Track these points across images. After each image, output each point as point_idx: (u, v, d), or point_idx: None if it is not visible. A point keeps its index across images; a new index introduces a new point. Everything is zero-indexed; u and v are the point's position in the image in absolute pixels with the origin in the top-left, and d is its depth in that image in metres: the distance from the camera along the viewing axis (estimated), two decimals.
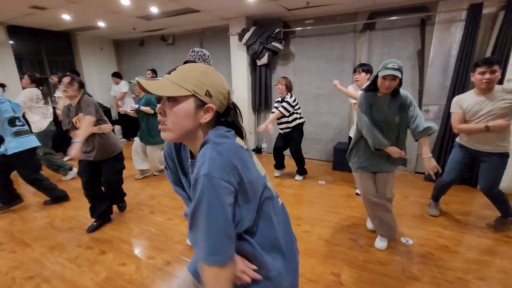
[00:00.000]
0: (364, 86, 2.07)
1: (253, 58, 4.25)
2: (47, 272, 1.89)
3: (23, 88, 3.45)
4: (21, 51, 4.96)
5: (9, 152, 2.52)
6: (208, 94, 0.71)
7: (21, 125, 2.61)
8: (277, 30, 3.93)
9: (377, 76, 1.76)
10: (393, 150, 1.84)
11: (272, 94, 4.46)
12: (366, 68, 2.71)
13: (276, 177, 3.65)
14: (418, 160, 3.64)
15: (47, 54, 5.26)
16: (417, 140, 1.83)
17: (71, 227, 2.47)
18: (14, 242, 2.26)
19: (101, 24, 4.50)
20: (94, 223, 2.41)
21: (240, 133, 0.79)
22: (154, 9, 3.63)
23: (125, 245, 2.20)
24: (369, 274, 1.82)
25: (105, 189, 2.44)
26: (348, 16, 3.72)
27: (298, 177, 3.56)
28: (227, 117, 0.77)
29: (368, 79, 2.73)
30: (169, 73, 0.72)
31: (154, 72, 4.79)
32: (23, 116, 3.16)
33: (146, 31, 5.20)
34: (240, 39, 4.10)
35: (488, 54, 2.94)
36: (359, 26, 3.67)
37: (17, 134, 2.58)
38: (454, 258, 1.96)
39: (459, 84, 3.04)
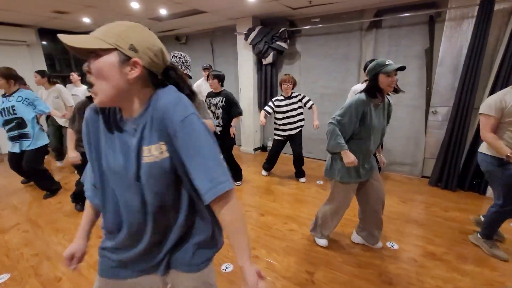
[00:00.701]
0: (361, 90, 1.82)
1: (259, 57, 4.30)
2: (50, 251, 2.12)
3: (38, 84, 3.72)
4: (51, 51, 5.44)
5: (35, 147, 2.81)
6: (132, 48, 0.66)
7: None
8: (282, 29, 3.94)
9: (376, 78, 1.64)
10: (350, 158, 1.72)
11: (277, 93, 4.48)
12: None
13: (264, 176, 3.70)
14: (424, 164, 3.49)
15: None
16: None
17: (77, 213, 2.72)
18: (29, 223, 2.54)
19: None
20: None
21: (190, 95, 0.78)
22: (163, 11, 3.81)
23: None
24: (344, 275, 1.82)
25: None
26: (354, 14, 3.64)
27: (303, 179, 3.49)
28: (168, 79, 0.75)
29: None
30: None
31: None
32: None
33: (161, 32, 5.43)
34: (246, 38, 4.16)
35: (501, 53, 2.74)
36: (365, 24, 3.57)
37: (42, 130, 2.92)
38: (438, 267, 1.89)
39: (468, 85, 2.86)
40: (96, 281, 0.87)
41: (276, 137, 3.40)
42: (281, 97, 3.24)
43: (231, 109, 3.01)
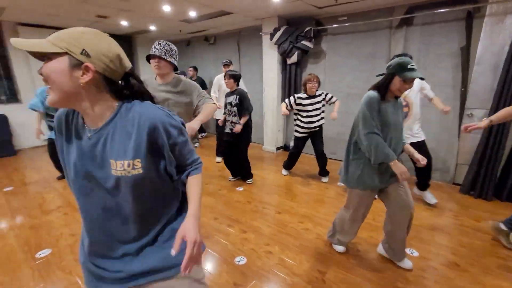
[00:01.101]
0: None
1: (283, 57, 4.31)
2: None
3: None
4: None
5: None
6: (84, 53, 0.67)
7: None
8: (308, 28, 3.91)
9: (391, 78, 1.56)
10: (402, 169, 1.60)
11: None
12: None
13: (285, 175, 3.69)
14: (456, 170, 3.26)
15: None
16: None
17: None
18: (69, 207, 2.84)
19: (152, 27, 5.10)
20: None
21: (151, 100, 0.82)
22: (192, 13, 3.99)
23: None
24: (356, 277, 1.80)
25: None
26: (384, 12, 3.50)
27: (325, 179, 3.46)
28: (128, 86, 0.77)
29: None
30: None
31: (195, 69, 5.25)
32: None
33: (191, 33, 5.68)
34: (271, 38, 4.20)
35: None
36: (395, 22, 3.42)
37: None
38: (461, 278, 1.79)
39: (509, 85, 2.63)
40: None
41: (297, 135, 3.38)
42: (305, 95, 3.20)
43: (243, 106, 3.11)
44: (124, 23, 4.64)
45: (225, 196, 3.09)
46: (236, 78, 3.11)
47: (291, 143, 4.85)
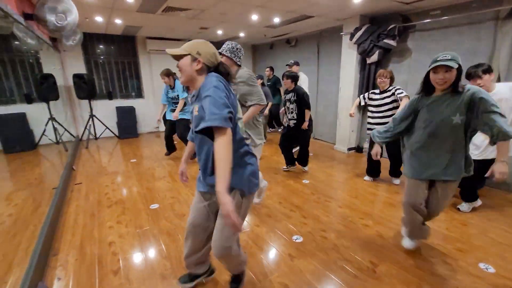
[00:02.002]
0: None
1: (363, 56, 4.25)
2: (180, 196, 3.06)
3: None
4: None
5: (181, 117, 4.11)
6: (198, 53, 1.20)
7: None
8: (391, 26, 3.76)
9: (428, 75, 1.64)
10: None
11: None
12: (486, 68, 2.32)
13: (366, 180, 3.52)
14: None
15: None
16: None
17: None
18: (170, 177, 3.68)
19: (241, 34, 5.81)
20: None
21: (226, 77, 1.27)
22: (276, 20, 4.41)
23: None
24: (410, 276, 1.80)
25: None
26: (489, 1, 3.06)
27: (396, 181, 3.36)
28: (216, 70, 1.26)
29: (492, 80, 2.35)
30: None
31: (271, 69, 5.70)
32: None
33: (274, 37, 6.16)
34: (351, 38, 4.21)
35: None
36: (504, 12, 2.95)
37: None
38: None
39: None
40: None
41: (369, 132, 3.35)
42: (377, 91, 3.19)
43: (301, 103, 3.35)
44: (220, 32, 5.48)
45: (291, 186, 3.38)
46: (293, 78, 3.37)
47: (365, 145, 4.72)
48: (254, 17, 4.22)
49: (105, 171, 3.98)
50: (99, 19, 4.33)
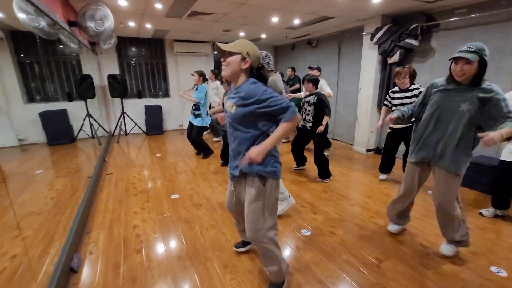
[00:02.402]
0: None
1: (384, 57, 4.19)
2: (199, 189, 3.27)
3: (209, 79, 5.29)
4: (219, 59, 7.46)
5: (199, 125, 4.27)
6: (247, 54, 1.33)
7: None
8: (414, 26, 3.69)
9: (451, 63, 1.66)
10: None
11: None
12: None
13: (382, 180, 3.51)
14: None
15: None
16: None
17: (216, 171, 3.89)
18: (190, 172, 3.92)
19: (263, 35, 5.96)
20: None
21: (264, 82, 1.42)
22: (296, 21, 4.49)
23: None
24: (415, 273, 1.82)
25: None
26: None
27: None
28: (259, 70, 1.41)
29: None
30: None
31: (293, 69, 5.77)
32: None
33: (296, 38, 6.23)
34: (372, 38, 4.18)
35: None
36: None
37: (207, 115, 4.33)
38: None
39: None
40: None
41: (389, 130, 3.34)
42: (396, 89, 3.09)
43: (320, 107, 3.29)
44: (242, 33, 5.67)
45: (304, 183, 3.45)
46: (314, 82, 3.32)
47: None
48: (275, 19, 4.35)
49: (133, 163, 4.32)
50: (131, 24, 4.70)
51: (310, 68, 4.44)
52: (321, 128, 3.32)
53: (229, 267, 1.89)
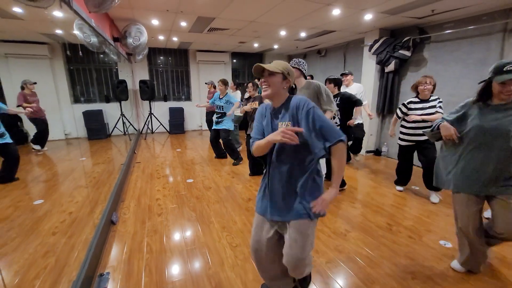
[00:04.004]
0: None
1: (381, 66, 4.60)
2: (210, 176, 3.87)
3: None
4: (236, 67, 8.16)
5: (223, 127, 4.75)
6: (288, 74, 1.30)
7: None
8: (406, 38, 4.09)
9: (489, 82, 1.55)
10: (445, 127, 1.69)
11: (398, 99, 4.59)
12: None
13: (400, 191, 3.33)
14: None
15: (249, 67, 8.22)
16: None
17: (225, 164, 4.48)
18: (204, 163, 4.54)
19: (275, 46, 6.56)
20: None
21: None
22: (302, 34, 5.04)
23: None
24: (374, 241, 2.26)
25: None
26: (497, 15, 3.25)
27: (434, 199, 2.99)
28: (293, 90, 1.43)
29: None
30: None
31: (311, 77, 6.27)
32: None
33: (306, 48, 6.76)
34: (370, 49, 4.61)
35: None
36: (511, 24, 3.12)
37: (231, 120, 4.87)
38: None
39: None
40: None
41: (400, 142, 3.06)
42: (416, 99, 2.87)
43: (347, 106, 3.24)
44: (256, 44, 6.31)
45: None
46: (336, 82, 3.34)
47: (383, 149, 4.99)
48: (283, 33, 4.93)
49: (157, 156, 5.05)
50: (161, 37, 5.51)
51: (342, 74, 4.18)
52: (352, 121, 3.32)
53: (226, 228, 2.45)
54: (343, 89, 3.88)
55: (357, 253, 2.09)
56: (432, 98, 2.81)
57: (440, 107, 2.78)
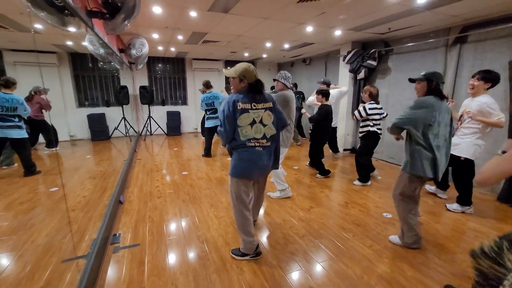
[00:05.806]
0: None
1: (353, 74, 5.25)
2: (203, 169, 4.43)
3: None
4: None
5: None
6: (243, 77, 1.78)
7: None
8: (372, 50, 4.74)
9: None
10: None
11: None
12: (485, 75, 2.61)
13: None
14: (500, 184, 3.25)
15: None
16: None
17: (216, 160, 5.05)
18: (197, 159, 5.10)
19: (264, 55, 7.21)
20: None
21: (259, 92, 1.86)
22: (286, 45, 5.68)
23: None
24: (330, 213, 2.83)
25: None
26: (441, 32, 3.91)
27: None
28: (256, 86, 1.83)
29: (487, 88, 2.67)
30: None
31: (295, 85, 6.89)
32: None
33: (293, 57, 7.42)
34: (344, 59, 5.26)
35: None
36: (451, 40, 3.78)
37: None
38: None
39: None
40: None
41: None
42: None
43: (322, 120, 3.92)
44: (246, 54, 6.95)
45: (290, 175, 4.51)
46: (323, 94, 3.92)
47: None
48: (268, 45, 5.57)
49: (156, 154, 5.60)
50: (160, 47, 6.12)
51: (319, 83, 4.71)
52: (306, 115, 4.15)
53: (214, 206, 3.01)
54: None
55: (315, 221, 2.66)
56: (367, 104, 3.57)
57: (371, 110, 3.50)
